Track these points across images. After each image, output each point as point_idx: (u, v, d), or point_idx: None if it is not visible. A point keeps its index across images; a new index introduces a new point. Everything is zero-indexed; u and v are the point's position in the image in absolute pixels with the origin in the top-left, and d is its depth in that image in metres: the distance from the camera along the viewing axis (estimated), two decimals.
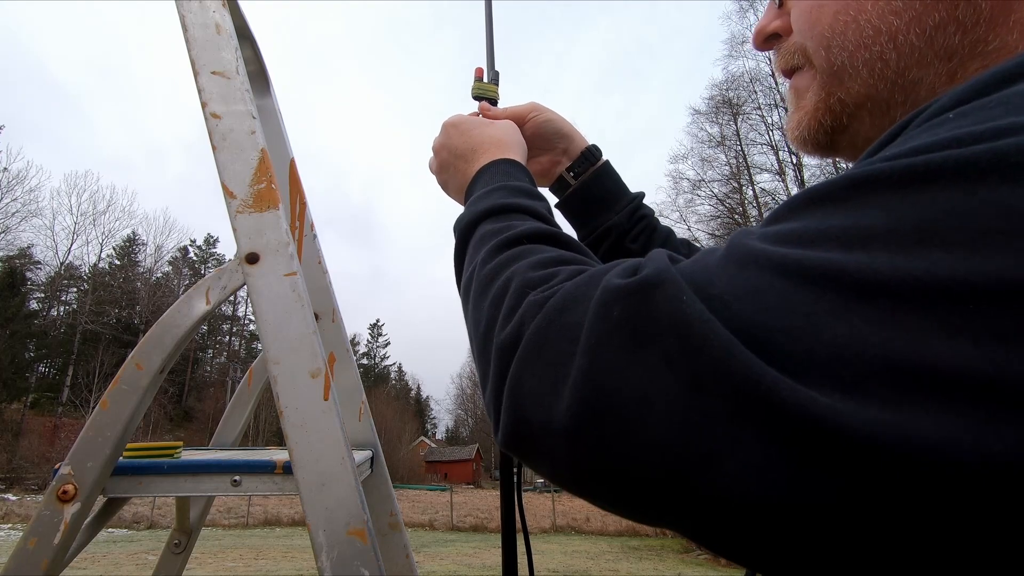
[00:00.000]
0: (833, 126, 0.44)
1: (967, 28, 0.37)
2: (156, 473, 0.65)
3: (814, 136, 0.45)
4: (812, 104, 0.44)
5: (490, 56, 0.86)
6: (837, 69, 0.41)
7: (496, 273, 0.42)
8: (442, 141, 0.67)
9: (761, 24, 0.50)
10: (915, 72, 0.38)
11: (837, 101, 0.42)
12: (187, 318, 0.62)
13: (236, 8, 0.81)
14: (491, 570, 9.81)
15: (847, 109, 0.42)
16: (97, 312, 35.86)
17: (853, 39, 0.40)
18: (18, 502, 17.91)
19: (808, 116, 0.45)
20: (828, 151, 0.46)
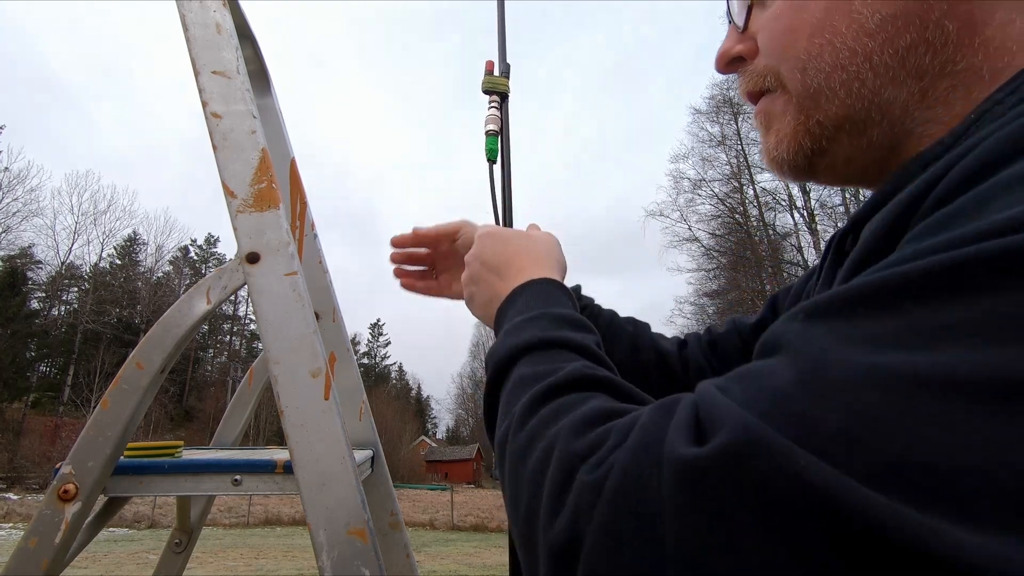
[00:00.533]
0: (813, 148, 0.44)
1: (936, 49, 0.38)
2: (157, 472, 0.65)
3: (793, 159, 0.45)
4: (791, 127, 0.44)
5: (501, 49, 0.86)
6: (814, 91, 0.42)
7: (534, 437, 0.35)
8: (475, 252, 0.62)
9: (725, 48, 0.50)
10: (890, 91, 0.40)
11: (816, 123, 0.43)
12: (188, 318, 0.62)
13: (236, 8, 0.81)
14: (492, 570, 9.82)
15: (826, 131, 0.43)
16: (98, 312, 35.90)
17: (830, 61, 0.41)
18: (19, 501, 17.93)
19: (788, 138, 0.45)
20: (806, 174, 0.46)
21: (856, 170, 0.45)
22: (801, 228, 21.72)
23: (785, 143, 0.45)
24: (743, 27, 0.48)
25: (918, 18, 0.39)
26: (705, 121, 24.38)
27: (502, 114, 0.83)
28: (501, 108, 0.83)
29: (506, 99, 0.84)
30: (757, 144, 23.48)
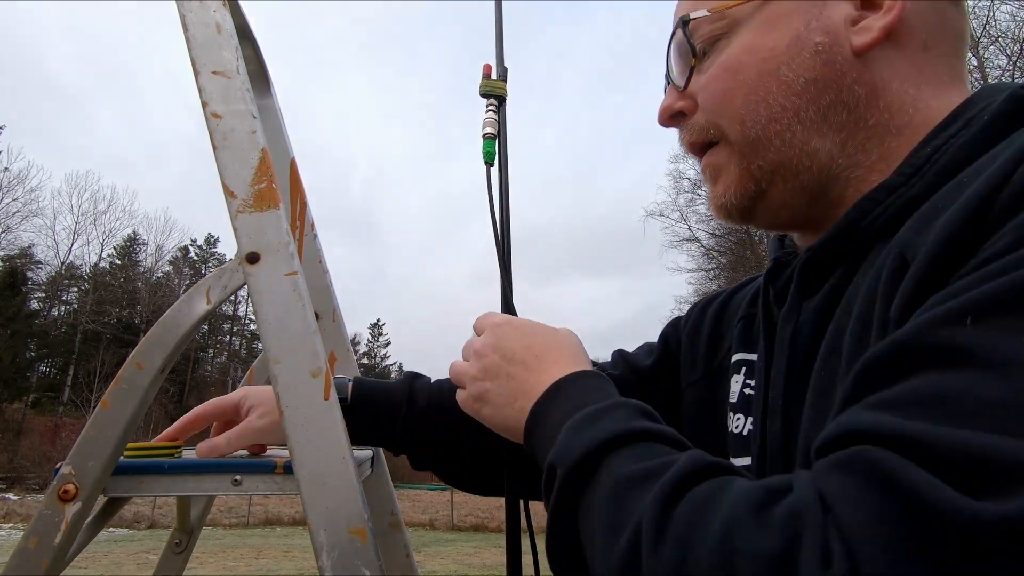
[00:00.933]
0: (755, 192, 0.50)
1: (851, 108, 0.46)
2: (157, 472, 0.65)
3: (740, 202, 0.51)
4: (736, 174, 0.50)
5: (499, 52, 0.86)
6: (752, 140, 0.48)
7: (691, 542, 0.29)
8: (491, 342, 0.56)
9: (667, 103, 0.55)
10: (816, 141, 0.47)
11: (757, 168, 0.49)
12: (188, 318, 0.62)
13: (236, 7, 0.81)
14: (491, 570, 9.82)
15: (765, 176, 0.49)
16: (98, 312, 35.90)
17: (764, 114, 0.47)
18: (19, 502, 17.93)
19: (734, 184, 0.50)
20: (747, 217, 0.52)
21: (789, 214, 0.51)
22: None
23: (733, 188, 0.51)
24: (684, 87, 0.53)
25: (834, 83, 0.46)
26: None
27: (499, 117, 0.83)
28: (499, 111, 0.83)
29: (504, 102, 0.84)
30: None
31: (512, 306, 0.74)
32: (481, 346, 0.56)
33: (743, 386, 0.57)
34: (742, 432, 0.55)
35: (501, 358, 0.54)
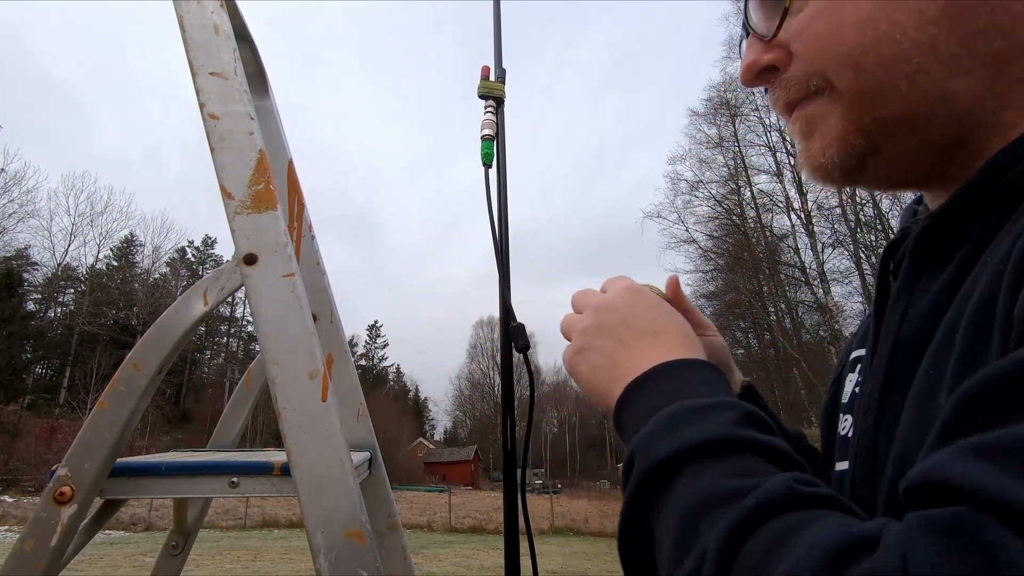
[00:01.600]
0: (866, 149, 0.40)
1: (1006, 32, 0.36)
2: (154, 474, 0.65)
3: (844, 162, 0.41)
4: (839, 130, 0.41)
5: (497, 54, 0.86)
6: (870, 88, 0.38)
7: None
8: (616, 303, 0.50)
9: (751, 59, 0.46)
10: (956, 82, 0.37)
11: (871, 121, 0.39)
12: (185, 319, 0.62)
13: (234, 9, 0.81)
14: (489, 571, 9.80)
15: (882, 128, 0.39)
16: (94, 313, 35.78)
17: (888, 53, 0.37)
18: (15, 504, 17.85)
19: (836, 142, 0.41)
20: (855, 177, 0.42)
21: (911, 170, 0.42)
22: (798, 230, 21.77)
23: (835, 146, 0.41)
24: (774, 34, 0.44)
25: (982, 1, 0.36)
26: (702, 123, 24.43)
27: (498, 119, 0.83)
28: (497, 113, 0.83)
29: (502, 104, 0.84)
30: (754, 146, 23.53)
31: (510, 306, 0.74)
32: (602, 303, 0.51)
33: (855, 384, 0.49)
34: (846, 435, 0.48)
35: (620, 320, 0.48)
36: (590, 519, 18.63)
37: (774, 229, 22.96)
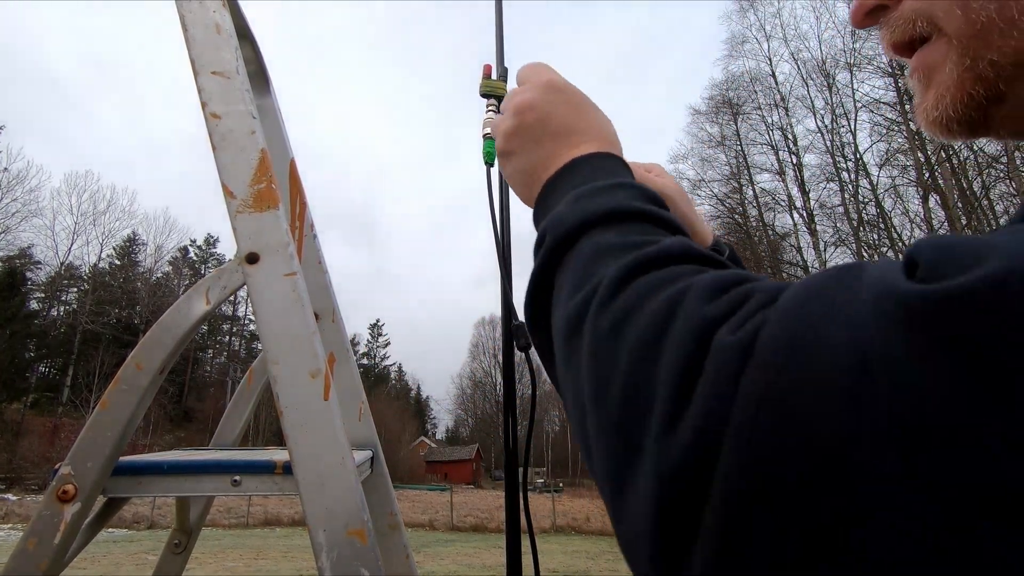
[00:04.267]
0: (986, 96, 0.36)
1: None
2: (156, 473, 0.65)
3: (963, 113, 0.37)
4: (954, 77, 0.37)
5: (499, 52, 0.86)
6: (982, 27, 0.34)
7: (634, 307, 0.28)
8: (531, 98, 0.50)
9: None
10: None
11: (988, 65, 0.35)
12: (187, 318, 0.62)
13: (236, 8, 0.81)
14: (491, 570, 9.81)
15: (1003, 72, 0.35)
16: (97, 312, 35.88)
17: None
18: (18, 502, 17.91)
19: (951, 90, 0.37)
20: (978, 130, 0.39)
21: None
22: (800, 228, 21.73)
23: (949, 97, 0.37)
24: None
25: None
26: (704, 122, 24.41)
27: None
28: (499, 111, 0.83)
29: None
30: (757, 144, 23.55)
31: (512, 305, 0.74)
32: (521, 103, 0.51)
33: None
34: None
35: (538, 121, 0.50)
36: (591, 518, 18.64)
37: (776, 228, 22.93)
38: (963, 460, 0.16)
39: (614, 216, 0.36)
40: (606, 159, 0.45)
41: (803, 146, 22.04)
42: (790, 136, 22.44)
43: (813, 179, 21.45)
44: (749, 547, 0.19)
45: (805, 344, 0.19)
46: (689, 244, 0.32)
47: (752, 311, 0.23)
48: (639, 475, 0.23)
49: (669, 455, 0.21)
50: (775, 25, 24.31)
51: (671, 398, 0.22)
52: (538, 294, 0.38)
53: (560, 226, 0.37)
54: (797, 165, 21.99)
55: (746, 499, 0.19)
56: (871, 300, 0.19)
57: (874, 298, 0.19)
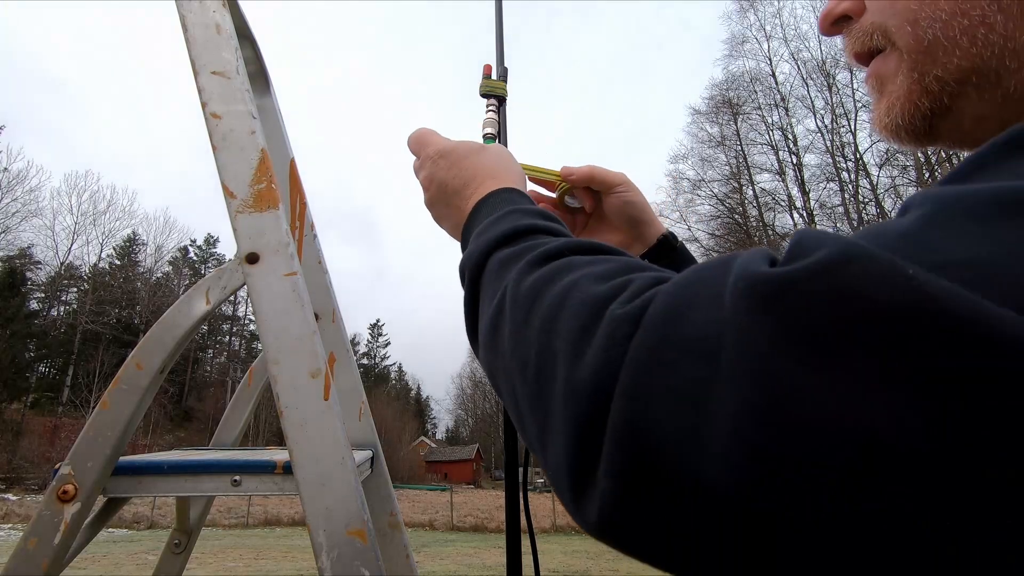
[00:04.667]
0: (932, 109, 0.39)
1: None
2: (156, 473, 0.65)
3: (909, 122, 0.40)
4: (903, 88, 0.39)
5: (499, 52, 0.86)
6: (928, 44, 0.37)
7: (539, 291, 0.32)
8: (428, 174, 0.59)
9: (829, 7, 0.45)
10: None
11: (934, 80, 0.37)
12: (187, 318, 0.62)
13: (236, 8, 0.81)
14: (491, 570, 9.82)
15: (947, 88, 0.37)
16: (97, 312, 35.88)
17: (946, 7, 0.36)
18: (18, 502, 17.91)
19: (900, 101, 0.40)
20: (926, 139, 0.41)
21: (990, 129, 0.39)
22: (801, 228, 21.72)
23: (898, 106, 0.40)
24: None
25: None
26: (704, 122, 24.41)
27: (500, 118, 0.83)
28: (499, 112, 0.83)
29: (504, 103, 0.84)
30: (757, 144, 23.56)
31: None
32: (423, 178, 0.60)
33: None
34: None
35: (438, 190, 0.58)
36: None
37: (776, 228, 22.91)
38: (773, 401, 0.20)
39: (509, 237, 0.42)
40: (497, 194, 0.52)
41: (803, 146, 22.05)
42: (790, 136, 22.45)
43: (813, 179, 21.46)
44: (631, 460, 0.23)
45: (680, 316, 0.24)
46: (572, 241, 0.38)
47: (638, 291, 0.27)
48: (554, 429, 0.27)
49: (575, 395, 0.26)
50: (775, 25, 24.32)
51: (573, 355, 0.27)
52: (470, 320, 0.43)
53: (470, 260, 0.44)
54: (797, 165, 21.99)
55: (630, 424, 0.23)
56: (731, 282, 0.23)
57: (733, 280, 0.23)
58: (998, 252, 0.19)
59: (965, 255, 0.20)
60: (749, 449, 0.20)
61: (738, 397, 0.20)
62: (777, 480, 0.19)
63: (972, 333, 0.17)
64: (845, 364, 0.19)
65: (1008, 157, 0.24)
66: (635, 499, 0.23)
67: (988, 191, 0.21)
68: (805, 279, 0.21)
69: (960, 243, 0.20)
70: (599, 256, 0.35)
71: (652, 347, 0.24)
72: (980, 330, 0.17)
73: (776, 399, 0.20)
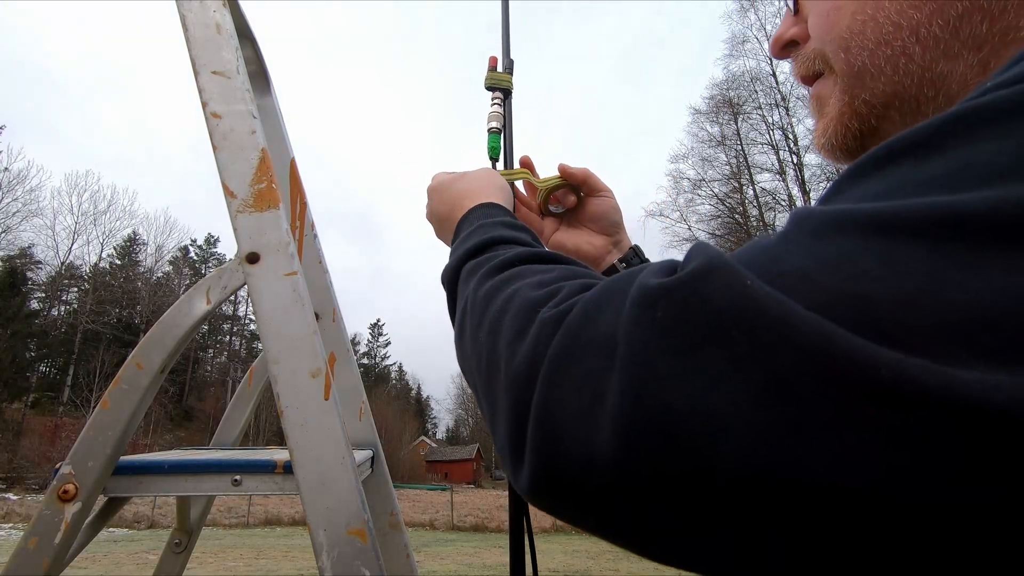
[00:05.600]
0: (861, 130, 0.42)
1: (995, 16, 0.35)
2: (157, 472, 0.65)
3: (842, 142, 0.44)
4: (836, 110, 0.43)
5: (505, 44, 0.85)
6: (858, 70, 0.40)
7: (491, 298, 0.38)
8: (428, 210, 0.68)
9: (779, 32, 0.49)
10: (943, 65, 0.37)
11: (862, 103, 0.41)
12: (188, 318, 0.62)
13: (236, 8, 0.81)
14: (492, 570, 9.82)
15: (874, 111, 0.41)
16: (98, 312, 35.89)
17: (872, 37, 0.39)
18: (19, 502, 17.93)
19: (834, 122, 0.44)
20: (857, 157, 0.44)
21: None
22: None
23: (832, 127, 0.44)
24: (795, 9, 0.47)
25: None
26: (705, 121, 24.40)
27: (505, 111, 0.82)
28: (504, 105, 0.83)
29: (509, 95, 0.84)
30: (757, 144, 23.54)
31: None
32: (426, 213, 0.69)
33: None
34: None
35: (436, 221, 0.67)
36: None
37: (777, 228, 22.88)
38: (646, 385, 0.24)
39: (476, 249, 0.48)
40: (473, 211, 0.58)
41: (804, 146, 22.02)
42: (791, 136, 22.44)
43: (814, 179, 21.43)
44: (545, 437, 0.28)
45: (592, 319, 0.28)
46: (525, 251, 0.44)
47: (564, 297, 0.32)
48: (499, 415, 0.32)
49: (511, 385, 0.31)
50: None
51: (511, 352, 0.32)
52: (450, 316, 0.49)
53: (446, 272, 0.51)
54: (798, 165, 21.98)
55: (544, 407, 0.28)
56: (632, 292, 0.27)
57: (633, 289, 0.27)
58: (814, 263, 0.22)
59: (792, 266, 0.23)
60: (627, 424, 0.24)
61: (623, 383, 0.25)
62: (644, 449, 0.23)
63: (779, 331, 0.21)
64: (696, 355, 0.23)
65: (857, 181, 0.27)
66: (550, 470, 0.28)
67: (829, 212, 0.24)
68: (676, 287, 0.25)
69: (795, 256, 0.23)
70: (544, 265, 0.41)
71: (567, 345, 0.28)
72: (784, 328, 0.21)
73: (648, 384, 0.24)
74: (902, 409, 0.19)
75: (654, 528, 0.24)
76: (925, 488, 0.18)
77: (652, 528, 0.24)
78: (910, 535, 0.19)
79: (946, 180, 0.22)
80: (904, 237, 0.21)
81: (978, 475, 0.18)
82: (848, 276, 0.21)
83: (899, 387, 0.19)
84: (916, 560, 0.19)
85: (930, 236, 0.21)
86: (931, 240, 0.21)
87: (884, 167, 0.25)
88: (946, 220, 0.21)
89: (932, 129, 0.24)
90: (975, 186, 0.21)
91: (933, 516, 0.18)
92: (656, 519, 0.24)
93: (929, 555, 0.19)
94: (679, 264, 0.27)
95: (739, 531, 0.22)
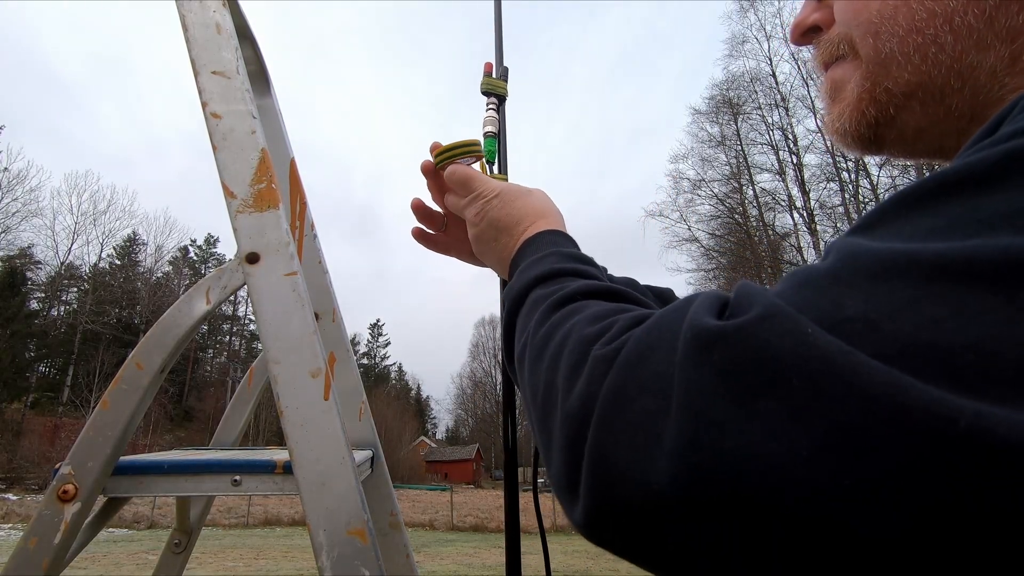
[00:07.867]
0: (878, 118, 0.41)
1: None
2: (156, 473, 0.65)
3: (856, 129, 0.42)
4: (854, 95, 0.42)
5: (499, 51, 0.86)
6: (885, 57, 0.39)
7: (551, 334, 0.38)
8: (480, 211, 0.65)
9: (800, 17, 0.47)
10: (973, 56, 0.36)
11: (884, 91, 0.40)
12: (187, 318, 0.62)
13: (236, 8, 0.81)
14: (491, 570, 9.81)
15: (894, 99, 0.40)
16: (97, 312, 35.88)
17: (904, 23, 0.38)
18: (18, 502, 17.92)
19: (850, 108, 0.42)
20: (871, 146, 0.43)
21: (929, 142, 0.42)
22: (801, 228, 21.73)
23: (847, 113, 0.42)
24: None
25: None
26: (705, 121, 24.40)
27: (500, 116, 0.83)
28: (499, 110, 0.83)
29: (504, 101, 0.84)
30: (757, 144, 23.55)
31: None
32: (472, 215, 0.66)
33: None
34: None
35: (489, 225, 0.65)
36: None
37: (776, 228, 22.92)
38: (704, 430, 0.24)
39: (545, 277, 0.48)
40: (543, 235, 0.58)
41: (803, 146, 22.04)
42: (790, 136, 22.44)
43: (813, 179, 21.45)
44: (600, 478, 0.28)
45: (644, 358, 0.28)
46: (584, 285, 0.43)
47: (616, 334, 0.32)
48: (554, 449, 0.32)
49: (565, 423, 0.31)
50: (775, 25, 24.29)
51: (567, 390, 0.32)
52: (506, 344, 0.50)
53: (510, 293, 0.50)
54: (797, 165, 21.99)
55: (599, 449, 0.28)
56: (684, 330, 0.27)
57: (684, 328, 0.27)
58: (877, 310, 0.22)
59: (854, 312, 0.23)
60: (685, 466, 0.24)
61: (680, 425, 0.25)
62: (701, 492, 0.23)
63: (845, 382, 0.21)
64: (756, 404, 0.23)
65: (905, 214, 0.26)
66: (605, 509, 0.28)
67: (884, 253, 0.24)
68: (734, 332, 0.25)
69: (856, 301, 0.23)
70: (599, 302, 0.41)
71: (620, 386, 0.29)
72: (851, 378, 0.21)
73: (708, 428, 0.24)
74: (983, 460, 0.18)
75: (708, 569, 0.24)
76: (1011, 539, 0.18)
77: (706, 568, 0.24)
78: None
79: (1012, 219, 0.21)
80: (974, 282, 0.21)
81: None
82: (917, 324, 0.21)
83: (978, 437, 0.18)
84: None
85: (1006, 283, 0.20)
86: (1007, 287, 0.20)
87: (936, 200, 0.25)
88: (1020, 266, 0.20)
89: (990, 163, 0.24)
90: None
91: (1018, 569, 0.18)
92: (711, 560, 0.24)
93: None
94: (727, 299, 0.28)
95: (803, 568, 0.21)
